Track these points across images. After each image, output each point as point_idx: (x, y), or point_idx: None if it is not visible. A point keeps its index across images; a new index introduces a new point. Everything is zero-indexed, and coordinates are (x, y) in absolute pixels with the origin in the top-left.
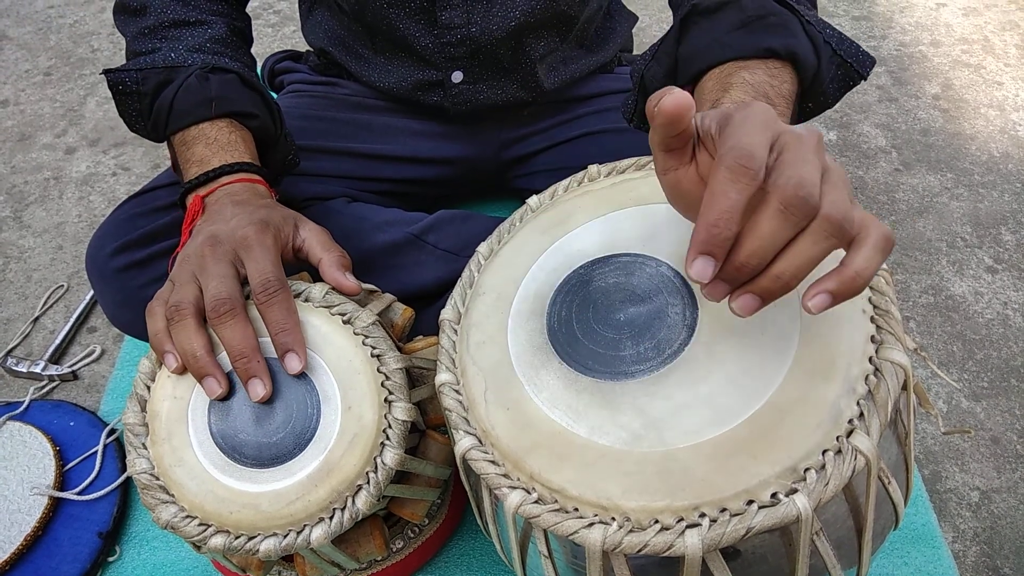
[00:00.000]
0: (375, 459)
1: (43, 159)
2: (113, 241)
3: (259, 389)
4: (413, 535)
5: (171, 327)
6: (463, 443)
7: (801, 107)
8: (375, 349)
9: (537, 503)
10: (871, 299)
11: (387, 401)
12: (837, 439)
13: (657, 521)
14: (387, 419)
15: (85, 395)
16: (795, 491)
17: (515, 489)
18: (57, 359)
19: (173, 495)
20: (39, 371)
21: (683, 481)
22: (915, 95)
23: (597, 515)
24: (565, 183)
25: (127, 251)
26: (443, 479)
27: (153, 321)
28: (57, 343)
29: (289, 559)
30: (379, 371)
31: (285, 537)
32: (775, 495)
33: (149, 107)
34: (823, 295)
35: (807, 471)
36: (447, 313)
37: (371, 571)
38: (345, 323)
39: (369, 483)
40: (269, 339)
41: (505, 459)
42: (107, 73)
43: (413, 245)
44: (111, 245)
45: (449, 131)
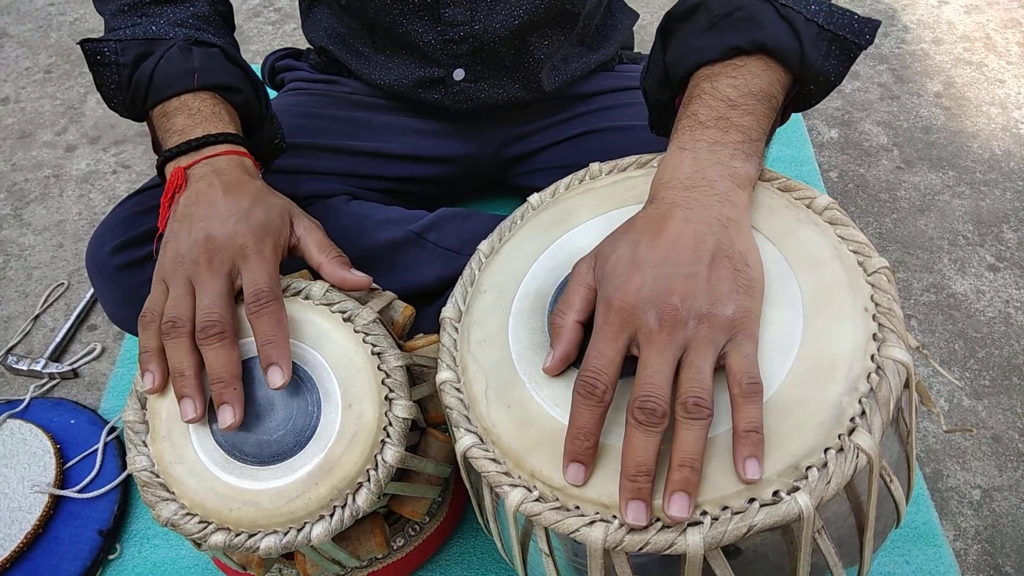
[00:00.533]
0: (376, 457)
1: (43, 157)
2: (113, 239)
3: (227, 417)
4: (414, 533)
5: (166, 341)
6: (464, 441)
7: (802, 91)
8: (376, 347)
9: (538, 501)
10: (873, 297)
11: (388, 399)
12: (839, 437)
13: (658, 519)
14: (388, 417)
15: (85, 393)
16: (797, 489)
17: (516, 487)
18: (57, 357)
19: (173, 492)
20: (39, 369)
21: None
22: (917, 93)
23: (598, 513)
24: (566, 181)
25: (127, 249)
26: (444, 477)
27: (146, 335)
28: (57, 341)
29: (290, 557)
30: (380, 369)
31: (286, 535)
32: (777, 493)
33: (128, 79)
34: (750, 460)
35: (809, 469)
36: (448, 311)
37: (372, 569)
38: (345, 321)
39: (370, 481)
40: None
41: (506, 457)
42: (84, 43)
43: (414, 243)
44: (111, 243)
45: (450, 129)
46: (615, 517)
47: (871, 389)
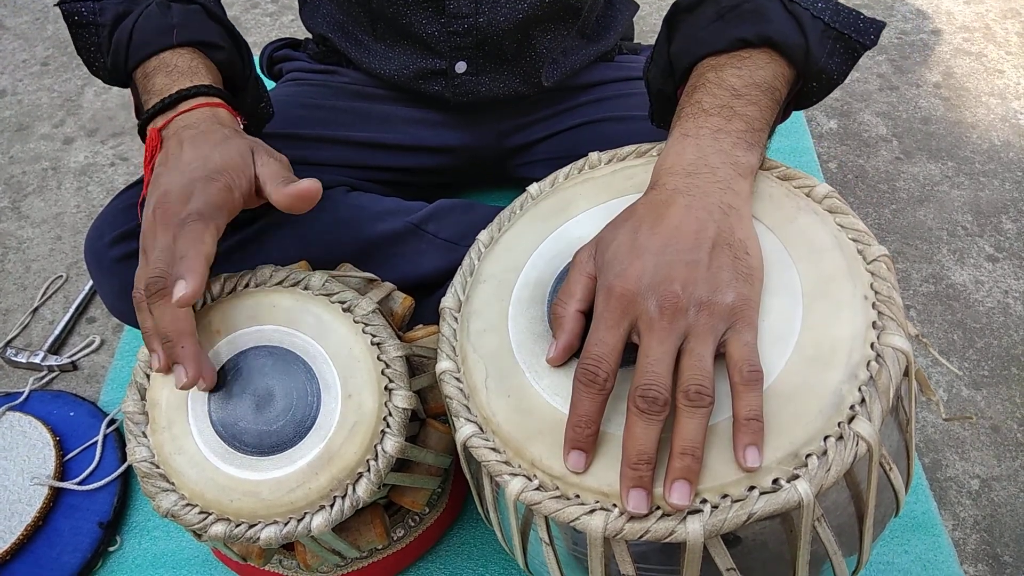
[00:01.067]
0: (376, 447)
1: (41, 149)
2: (112, 230)
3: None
4: (414, 524)
5: (137, 314)
6: (464, 430)
7: (804, 88)
8: (375, 337)
9: (538, 490)
10: (872, 285)
11: (387, 389)
12: (839, 425)
13: (658, 507)
14: (387, 407)
15: (85, 385)
16: (796, 477)
17: (516, 476)
18: (56, 349)
19: (173, 483)
20: (39, 361)
21: None
22: (916, 83)
23: (599, 502)
24: (566, 170)
25: (126, 240)
26: (444, 467)
27: (142, 317)
28: (56, 333)
29: (290, 547)
30: (379, 359)
31: (286, 525)
32: (776, 481)
33: (108, 40)
34: (750, 448)
35: (809, 457)
36: (448, 301)
37: (372, 559)
38: (345, 311)
39: (370, 471)
40: (272, 328)
41: (506, 446)
42: (62, 4)
43: (413, 234)
44: (110, 234)
45: (449, 119)
46: (615, 505)
47: (871, 377)
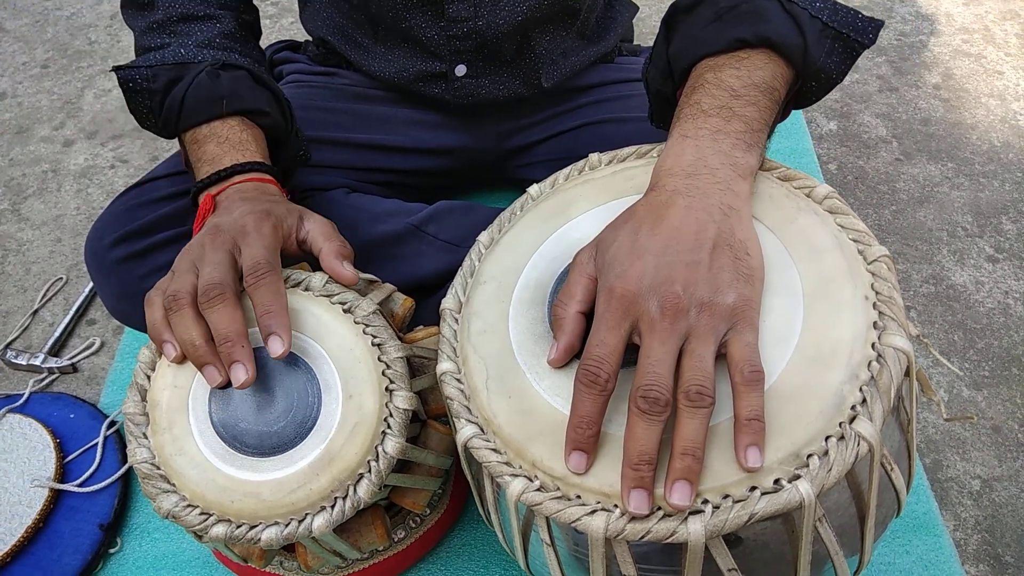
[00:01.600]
0: (376, 448)
1: (41, 152)
2: (112, 232)
3: (240, 374)
4: (415, 525)
5: (170, 316)
6: (465, 431)
7: (803, 87)
8: (376, 338)
9: (540, 491)
10: (873, 285)
11: (388, 390)
12: (840, 425)
13: (659, 508)
14: (388, 408)
15: (85, 387)
16: (798, 477)
17: (517, 477)
18: (57, 352)
19: (174, 484)
20: (39, 364)
21: None
22: (916, 85)
23: (600, 502)
24: (566, 171)
25: (126, 242)
26: (444, 469)
27: (151, 311)
28: (56, 336)
29: (291, 549)
30: (380, 360)
31: (287, 526)
32: (778, 481)
33: (160, 104)
34: (752, 448)
35: (810, 457)
36: (448, 302)
37: (373, 561)
38: (346, 312)
39: (371, 472)
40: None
41: (507, 447)
42: (117, 70)
43: (413, 236)
44: (110, 236)
45: (449, 121)
46: (616, 506)
47: (872, 377)
